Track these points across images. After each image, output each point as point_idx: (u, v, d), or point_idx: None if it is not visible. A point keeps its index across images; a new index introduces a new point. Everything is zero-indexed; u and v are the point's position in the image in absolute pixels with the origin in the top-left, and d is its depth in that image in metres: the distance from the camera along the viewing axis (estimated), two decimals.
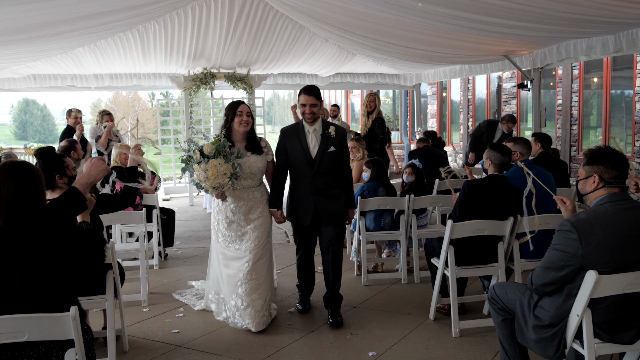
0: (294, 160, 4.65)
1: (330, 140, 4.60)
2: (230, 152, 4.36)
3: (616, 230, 2.82)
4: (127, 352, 4.21)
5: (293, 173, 4.73)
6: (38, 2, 5.68)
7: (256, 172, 4.65)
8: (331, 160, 4.61)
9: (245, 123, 4.58)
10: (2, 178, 2.71)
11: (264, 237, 4.68)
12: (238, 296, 4.57)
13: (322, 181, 4.61)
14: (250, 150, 4.63)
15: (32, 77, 11.13)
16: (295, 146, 4.62)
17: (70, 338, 2.53)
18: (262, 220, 4.69)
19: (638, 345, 2.97)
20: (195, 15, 8.58)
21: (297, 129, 4.66)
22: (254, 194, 4.69)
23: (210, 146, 4.29)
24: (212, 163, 4.22)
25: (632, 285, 2.84)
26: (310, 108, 4.54)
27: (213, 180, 4.25)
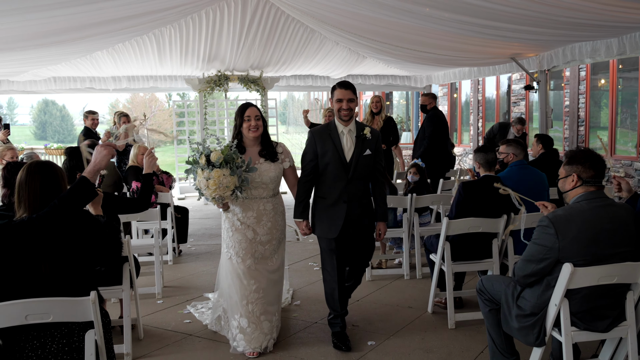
0: (325, 164, 4.17)
1: (366, 142, 4.17)
2: (238, 165, 3.99)
3: (591, 225, 3.03)
4: (141, 340, 4.50)
5: (323, 179, 4.23)
6: (60, 9, 6.00)
7: (268, 182, 4.22)
8: (366, 165, 4.19)
9: (255, 128, 4.18)
10: (29, 176, 3.00)
11: (272, 251, 4.32)
12: (243, 316, 4.18)
13: (356, 188, 4.18)
14: (264, 156, 4.24)
15: (52, 80, 11.51)
16: (328, 149, 4.15)
17: (90, 320, 2.82)
18: (271, 237, 4.28)
19: (613, 333, 3.19)
20: (209, 20, 8.89)
21: (330, 130, 4.19)
22: (264, 206, 4.25)
23: (218, 154, 3.94)
24: (216, 173, 3.89)
25: (606, 277, 3.05)
26: (347, 104, 4.10)
27: (213, 191, 3.93)
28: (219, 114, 12.47)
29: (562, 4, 5.72)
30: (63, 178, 3.09)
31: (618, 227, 3.06)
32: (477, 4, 5.93)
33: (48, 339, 2.85)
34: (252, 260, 4.22)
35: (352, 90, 4.16)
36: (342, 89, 4.14)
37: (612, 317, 3.15)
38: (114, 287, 4.18)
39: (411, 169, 6.45)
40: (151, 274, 5.90)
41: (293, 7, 8.60)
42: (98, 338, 2.87)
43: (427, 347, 4.23)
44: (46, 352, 2.85)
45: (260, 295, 4.20)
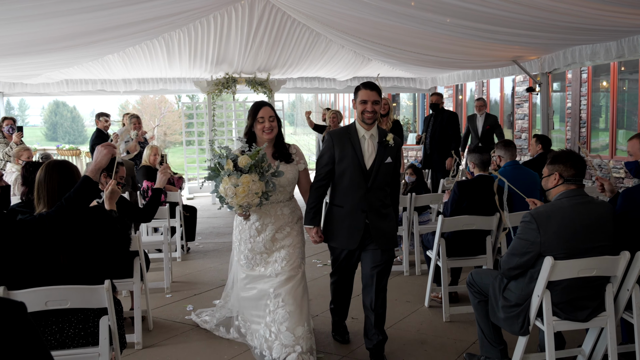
0: (343, 170, 3.86)
1: (388, 149, 3.86)
2: (265, 169, 3.74)
3: (570, 221, 3.24)
4: (151, 331, 4.73)
5: (340, 186, 3.92)
6: (74, 15, 6.27)
7: (286, 185, 4.01)
8: (387, 174, 3.90)
9: (269, 130, 3.95)
10: (48, 175, 3.25)
11: (294, 257, 4.04)
12: (266, 326, 3.98)
13: (376, 197, 3.87)
14: (279, 158, 4.03)
15: (64, 82, 11.81)
16: (347, 153, 3.84)
17: (104, 307, 3.06)
18: (292, 240, 4.06)
19: (593, 322, 3.40)
20: (217, 24, 9.16)
21: (350, 133, 3.88)
22: (282, 210, 4.05)
23: (246, 159, 3.67)
24: (245, 179, 3.62)
25: (586, 269, 3.25)
26: (372, 106, 3.79)
27: (242, 199, 3.65)
28: (227, 115, 12.72)
29: (560, 10, 5.89)
30: (79, 176, 3.33)
31: (596, 223, 3.27)
32: (478, 9, 6.12)
33: (66, 324, 3.10)
34: (273, 270, 4.00)
35: (377, 91, 3.85)
36: (368, 89, 3.82)
37: (592, 307, 3.35)
38: (125, 279, 4.42)
39: (408, 170, 6.66)
40: (160, 270, 6.14)
41: (298, 11, 8.84)
42: (111, 324, 3.11)
43: (422, 339, 4.44)
44: (64, 337, 3.09)
45: (281, 304, 3.94)
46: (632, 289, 3.39)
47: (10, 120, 9.31)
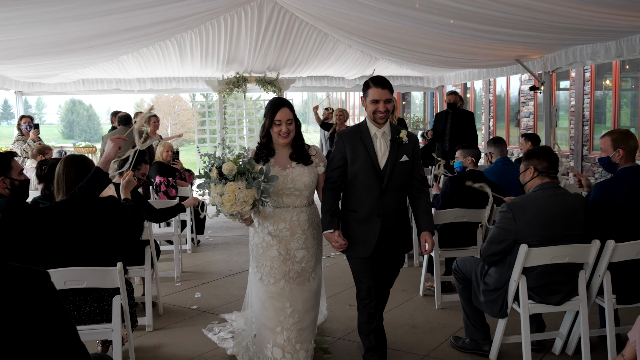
0: (355, 172, 3.61)
1: (402, 147, 3.63)
2: (254, 175, 3.47)
3: (544, 211, 3.50)
4: (161, 315, 5.06)
5: (353, 189, 3.67)
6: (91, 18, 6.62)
7: (302, 188, 3.70)
8: (403, 173, 3.64)
9: (285, 134, 3.65)
10: (66, 168, 3.59)
11: (309, 270, 3.78)
12: (276, 346, 3.68)
13: (391, 199, 3.63)
14: (296, 159, 3.72)
15: (81, 82, 12.20)
16: (359, 154, 3.60)
17: (116, 287, 3.38)
18: (306, 253, 3.75)
19: (565, 306, 3.67)
20: (227, 25, 9.47)
21: (361, 132, 3.64)
22: (298, 216, 3.73)
23: (230, 165, 3.42)
24: (230, 187, 3.39)
25: (559, 256, 3.52)
26: (384, 105, 3.54)
27: (230, 208, 3.42)
28: (239, 113, 13.03)
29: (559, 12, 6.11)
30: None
31: (569, 213, 3.53)
32: (480, 12, 6.35)
33: (82, 302, 3.43)
34: (286, 280, 3.70)
35: (389, 89, 3.58)
36: (379, 87, 3.56)
37: (565, 292, 3.62)
38: (137, 266, 4.74)
39: None
40: (171, 260, 6.47)
41: (305, 12, 9.13)
42: (123, 302, 3.43)
43: (414, 324, 4.73)
44: (80, 314, 3.43)
45: (296, 320, 3.69)
46: (603, 275, 3.64)
47: (28, 118, 9.73)
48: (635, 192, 3.71)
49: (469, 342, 4.08)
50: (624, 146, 3.77)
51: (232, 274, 6.36)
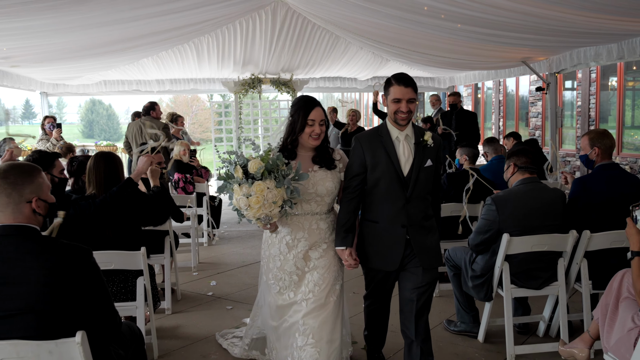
0: (377, 179, 3.31)
1: (427, 151, 3.32)
2: (284, 173, 3.14)
3: (523, 203, 3.87)
4: (179, 300, 5.49)
5: (373, 197, 3.36)
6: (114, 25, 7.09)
7: (324, 194, 3.39)
8: (427, 179, 3.34)
9: (317, 135, 3.36)
10: (96, 163, 4.06)
11: (327, 281, 3.41)
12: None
13: (417, 208, 3.31)
14: (319, 163, 3.41)
15: (103, 83, 12.73)
16: (380, 159, 3.29)
17: (140, 269, 3.81)
18: (327, 261, 3.43)
19: (545, 290, 4.04)
20: (243, 28, 9.92)
21: (382, 135, 3.33)
22: (318, 224, 3.42)
23: (257, 163, 3.10)
24: (258, 187, 3.06)
25: (538, 245, 3.87)
26: (407, 105, 3.22)
27: (257, 210, 3.09)
28: (254, 113, 13.46)
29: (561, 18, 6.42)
30: (120, 164, 4.17)
31: (547, 206, 3.89)
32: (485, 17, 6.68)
33: (110, 282, 3.87)
34: (303, 294, 3.39)
35: (413, 87, 3.26)
36: (402, 85, 3.23)
37: (544, 277, 3.98)
38: (157, 255, 5.17)
39: None
40: (188, 252, 6.91)
41: (317, 16, 9.53)
42: (146, 283, 3.86)
43: None
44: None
45: (309, 339, 3.35)
46: (580, 263, 3.99)
47: (51, 119, 10.24)
48: (610, 187, 4.05)
49: (460, 324, 4.45)
50: (600, 144, 4.11)
51: (245, 265, 6.78)
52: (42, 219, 2.37)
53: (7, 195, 2.26)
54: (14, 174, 2.29)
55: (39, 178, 2.36)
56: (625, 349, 2.79)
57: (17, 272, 2.16)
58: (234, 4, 8.30)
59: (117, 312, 2.54)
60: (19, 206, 2.28)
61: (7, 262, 2.18)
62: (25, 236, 2.26)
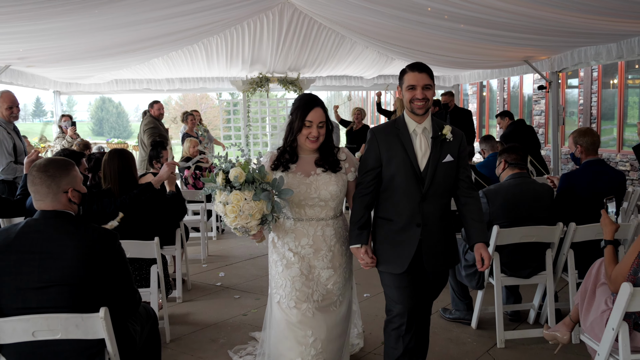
0: (392, 174, 3.14)
1: (446, 145, 3.14)
2: (264, 186, 2.97)
3: (512, 196, 4.12)
4: (190, 290, 5.78)
5: (388, 194, 3.19)
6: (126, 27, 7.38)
7: (327, 198, 3.19)
8: (447, 176, 3.15)
9: (314, 138, 3.16)
10: (111, 159, 4.36)
11: (336, 292, 3.25)
12: None
13: (433, 207, 3.13)
14: (322, 165, 3.22)
15: (114, 82, 13.04)
16: (395, 153, 3.13)
17: (153, 257, 4.09)
18: (334, 273, 3.24)
19: (533, 279, 4.28)
20: (251, 29, 10.19)
21: (398, 128, 3.17)
22: (323, 231, 3.23)
23: (237, 171, 2.93)
24: (235, 196, 2.90)
25: (527, 236, 4.12)
26: (422, 92, 3.05)
27: (233, 220, 2.94)
28: (262, 111, 13.73)
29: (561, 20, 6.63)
30: (133, 160, 4.49)
31: (533, 198, 4.16)
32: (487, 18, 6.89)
33: None
34: (309, 304, 3.19)
35: (428, 73, 3.11)
36: (416, 71, 3.08)
37: (533, 267, 4.23)
38: (169, 246, 5.45)
39: None
40: (198, 245, 7.20)
41: (323, 16, 9.78)
42: (159, 271, 4.14)
43: None
44: None
45: (319, 350, 3.18)
46: (567, 253, 4.23)
47: (68, 117, 10.59)
48: (595, 181, 4.30)
49: (455, 312, 4.70)
50: (582, 142, 4.36)
51: (252, 258, 7.06)
52: (77, 207, 2.72)
53: (47, 186, 2.60)
54: (52, 168, 2.64)
55: (73, 171, 2.72)
56: (598, 329, 3.03)
57: (55, 249, 2.50)
58: (242, 6, 8.56)
59: (137, 291, 2.84)
60: (57, 195, 2.62)
61: (48, 241, 2.51)
62: (62, 220, 2.61)
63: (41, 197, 2.62)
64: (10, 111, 5.78)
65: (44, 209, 2.62)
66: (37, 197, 2.64)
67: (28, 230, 2.56)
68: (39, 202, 2.63)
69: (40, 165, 2.65)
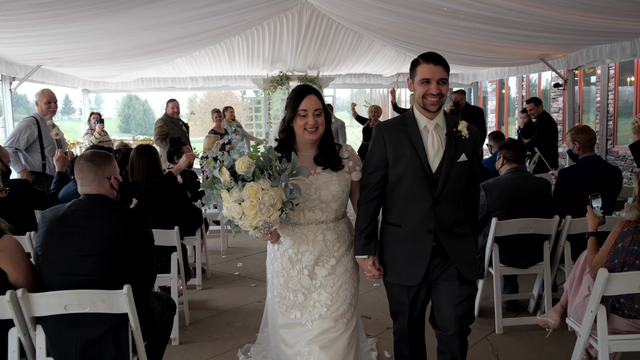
0: (400, 175, 2.86)
1: (461, 143, 2.85)
2: (279, 169, 2.64)
3: (509, 189, 4.36)
4: (209, 279, 6.12)
5: (395, 197, 2.91)
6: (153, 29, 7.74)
7: (328, 200, 2.89)
8: (461, 177, 2.87)
9: (313, 128, 2.85)
10: (139, 154, 4.72)
11: (338, 304, 2.92)
12: None
13: (446, 211, 2.85)
14: (322, 163, 2.91)
15: (140, 80, 13.47)
16: (403, 152, 2.84)
17: (174, 245, 4.42)
18: (336, 280, 2.93)
19: (531, 270, 4.50)
20: (271, 29, 10.51)
21: (407, 124, 2.87)
22: (324, 235, 2.92)
23: (246, 161, 2.59)
24: (251, 189, 2.54)
25: (524, 228, 4.34)
26: (437, 86, 2.76)
27: (254, 218, 2.56)
28: (283, 109, 14.03)
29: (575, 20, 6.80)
30: (158, 155, 4.85)
31: (531, 192, 4.40)
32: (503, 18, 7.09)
33: None
34: (310, 316, 2.92)
35: (444, 66, 2.80)
36: (431, 63, 2.78)
37: (530, 258, 4.45)
38: (190, 236, 5.78)
39: None
40: (218, 237, 7.55)
41: (341, 16, 10.04)
42: (179, 258, 4.47)
43: None
44: None
45: None
46: (563, 245, 4.44)
47: (97, 115, 11.05)
48: (591, 176, 4.50)
49: None
50: (579, 139, 4.57)
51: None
52: (116, 193, 3.16)
53: (94, 173, 3.03)
54: (98, 158, 3.08)
55: (113, 162, 3.17)
56: (581, 313, 3.25)
57: (97, 225, 2.92)
58: (262, 7, 8.87)
59: (155, 271, 3.25)
60: (101, 182, 3.05)
61: (91, 218, 2.93)
62: (104, 202, 3.03)
63: (88, 182, 3.02)
64: (49, 105, 6.36)
65: (89, 193, 3.03)
66: (84, 183, 3.03)
67: (75, 208, 2.97)
68: (85, 187, 3.03)
69: (87, 155, 3.08)
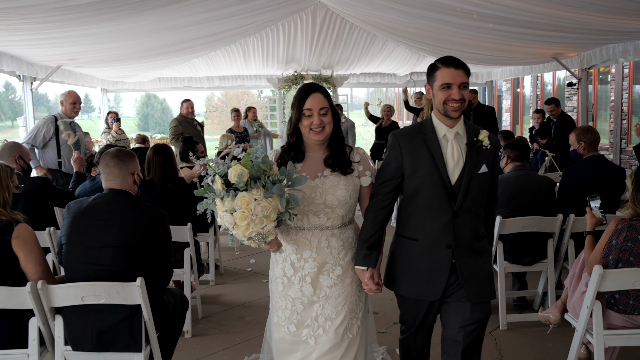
0: (417, 187, 2.70)
1: (482, 153, 2.71)
2: (274, 179, 2.49)
3: (513, 187, 4.47)
4: (222, 274, 6.28)
5: (412, 209, 2.76)
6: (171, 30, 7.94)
7: (334, 205, 2.74)
8: (481, 190, 2.72)
9: (318, 127, 2.71)
10: (155, 154, 4.91)
11: (343, 315, 2.76)
12: None
13: (466, 225, 2.70)
14: (331, 165, 2.76)
15: (157, 80, 13.72)
16: (421, 162, 2.68)
17: (187, 241, 4.58)
18: (341, 290, 2.78)
19: (535, 267, 4.59)
20: (285, 29, 10.66)
21: (425, 132, 2.72)
22: (329, 242, 2.77)
23: (239, 169, 2.46)
24: (243, 200, 2.43)
25: (528, 226, 4.43)
26: (459, 91, 2.60)
27: (246, 229, 2.46)
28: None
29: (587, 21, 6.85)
30: (173, 155, 5.05)
31: (534, 190, 4.50)
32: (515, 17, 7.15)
33: None
34: (311, 329, 2.76)
35: (464, 70, 2.63)
36: (452, 67, 2.62)
37: (534, 255, 4.54)
38: (202, 233, 5.95)
39: None
40: None
41: (354, 16, 10.15)
42: (192, 254, 4.62)
43: None
44: None
45: None
46: (567, 243, 4.53)
47: (114, 114, 11.33)
48: (594, 175, 4.57)
49: None
50: (585, 139, 4.65)
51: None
52: (137, 189, 3.33)
53: (120, 169, 3.21)
54: (122, 155, 3.27)
55: (136, 159, 3.35)
56: (579, 308, 3.34)
57: (118, 218, 3.09)
58: (276, 8, 9.02)
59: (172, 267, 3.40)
60: (125, 177, 3.23)
61: (114, 212, 3.10)
62: (126, 197, 3.21)
63: (113, 177, 3.19)
64: (74, 106, 6.66)
65: (112, 188, 3.20)
66: (109, 178, 3.19)
67: (98, 202, 3.15)
68: (110, 182, 3.20)
69: (113, 152, 3.27)
